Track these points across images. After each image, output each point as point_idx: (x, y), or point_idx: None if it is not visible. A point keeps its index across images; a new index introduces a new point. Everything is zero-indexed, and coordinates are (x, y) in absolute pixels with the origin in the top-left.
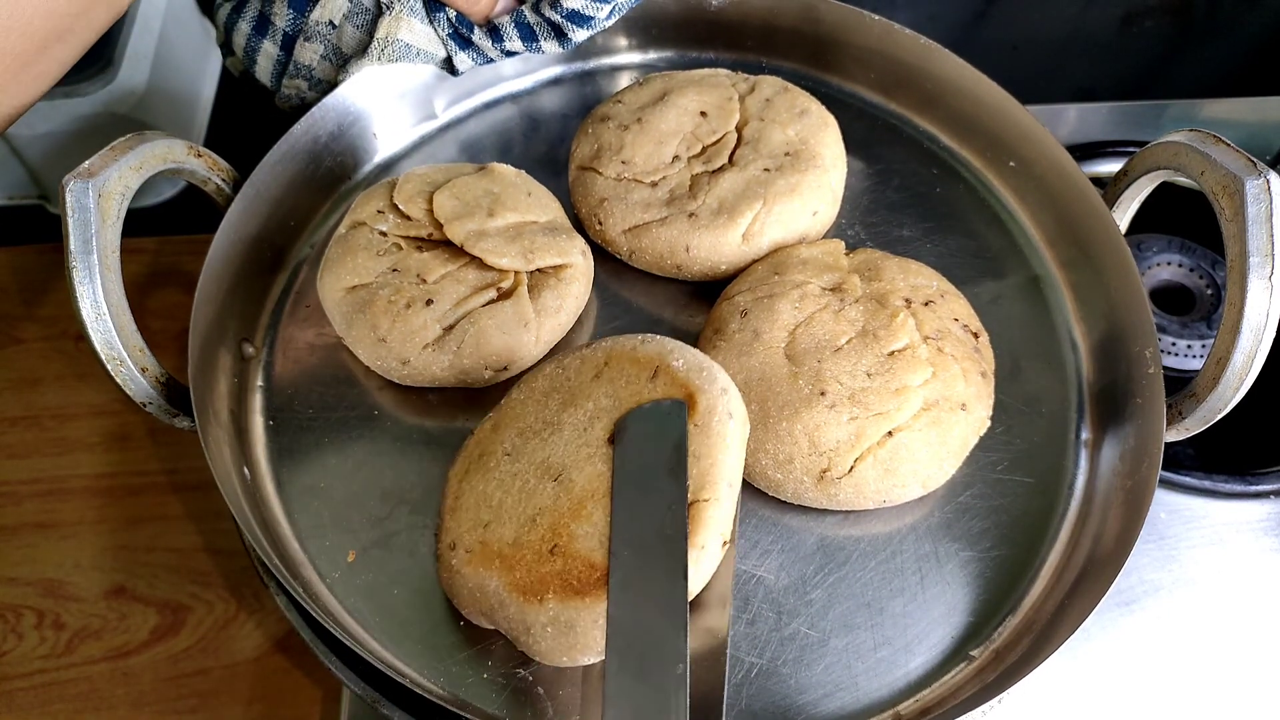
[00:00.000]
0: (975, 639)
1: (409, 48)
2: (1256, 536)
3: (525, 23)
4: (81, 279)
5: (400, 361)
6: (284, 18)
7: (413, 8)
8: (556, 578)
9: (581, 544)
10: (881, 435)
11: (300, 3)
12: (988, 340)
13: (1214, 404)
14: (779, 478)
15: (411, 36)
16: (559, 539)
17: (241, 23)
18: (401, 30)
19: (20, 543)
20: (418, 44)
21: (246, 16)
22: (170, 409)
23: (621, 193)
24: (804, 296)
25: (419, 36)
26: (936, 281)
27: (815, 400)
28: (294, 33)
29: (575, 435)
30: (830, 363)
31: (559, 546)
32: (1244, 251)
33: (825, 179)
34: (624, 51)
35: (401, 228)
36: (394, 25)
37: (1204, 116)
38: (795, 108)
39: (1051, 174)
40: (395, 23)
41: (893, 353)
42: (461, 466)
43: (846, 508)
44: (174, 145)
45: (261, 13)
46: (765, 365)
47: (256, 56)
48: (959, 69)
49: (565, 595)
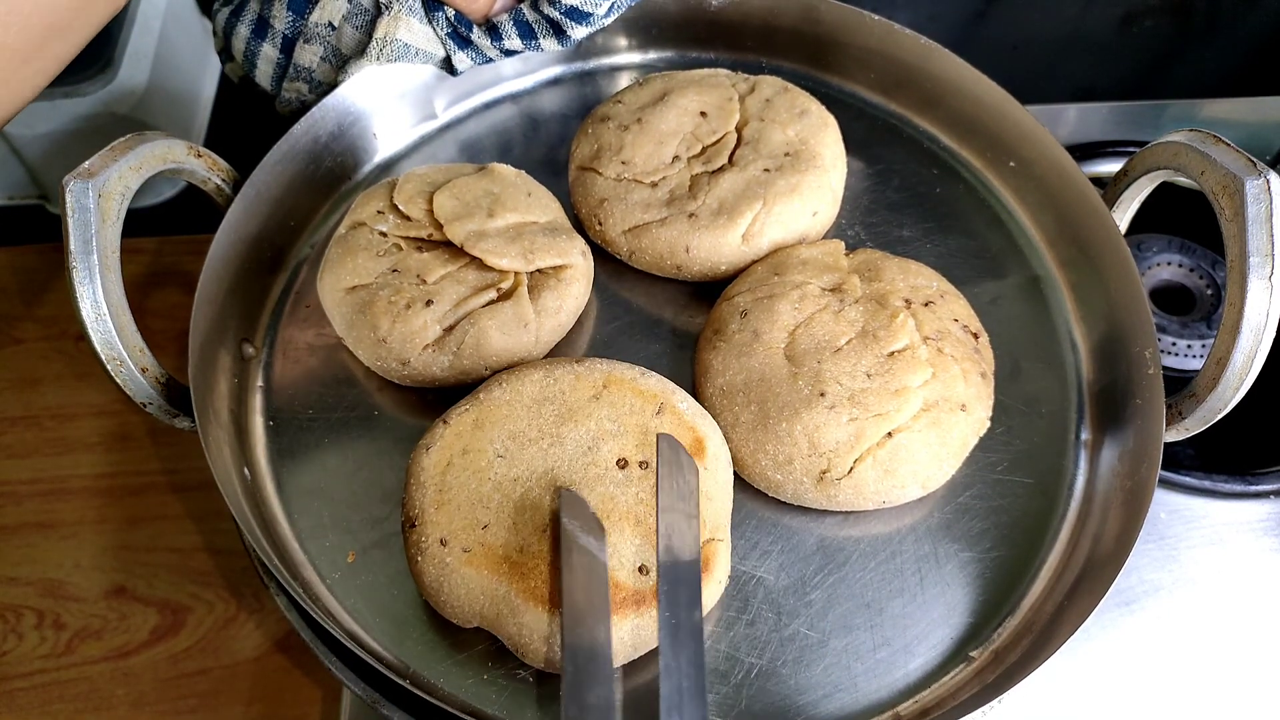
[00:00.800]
0: (975, 640)
1: (407, 47)
2: (1256, 536)
3: (524, 21)
4: (81, 279)
5: (400, 362)
6: (283, 20)
7: (411, 7)
8: None
9: None
10: (881, 436)
11: (299, 5)
12: (988, 341)
13: (1214, 404)
14: (779, 479)
15: (410, 36)
16: None
17: (240, 26)
18: (400, 30)
19: (20, 543)
20: (416, 43)
21: (245, 20)
22: (170, 409)
23: (621, 193)
24: (804, 297)
25: (418, 36)
26: (936, 282)
27: (815, 401)
28: (293, 35)
29: (580, 454)
30: (830, 363)
31: None
32: (1244, 251)
33: (825, 179)
34: (624, 51)
35: (401, 228)
36: (392, 25)
37: (1204, 116)
38: (795, 108)
39: (1051, 174)
40: (394, 22)
41: (892, 353)
42: (441, 457)
43: (846, 508)
44: (174, 145)
45: (260, 16)
46: (765, 366)
47: (256, 60)
48: (959, 69)
49: None
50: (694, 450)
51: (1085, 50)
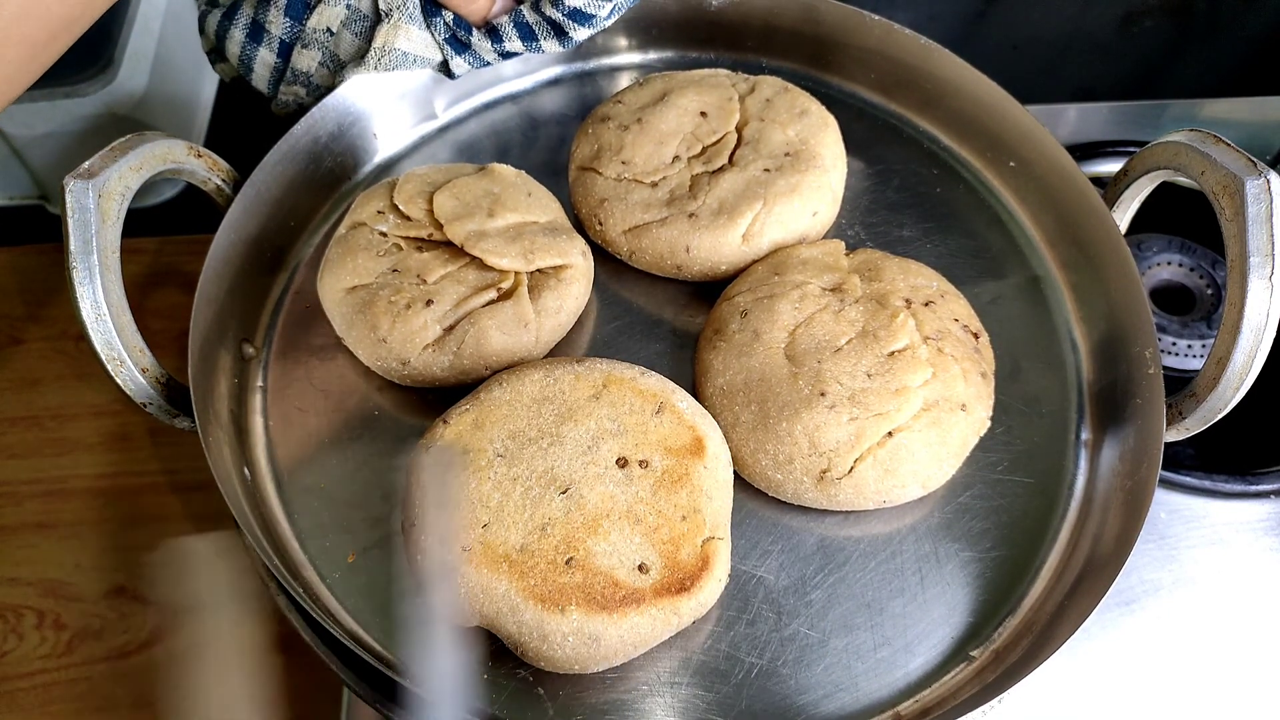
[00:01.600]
0: (975, 639)
1: (406, 55)
2: (1256, 536)
3: (524, 22)
4: (81, 279)
5: (400, 362)
6: (280, 25)
7: (411, 14)
8: (578, 590)
9: (602, 561)
10: (881, 436)
11: (297, 10)
12: (988, 340)
13: (1214, 404)
14: (779, 478)
15: (409, 44)
16: (575, 552)
17: (234, 30)
18: (399, 39)
19: (20, 543)
20: (415, 51)
21: (239, 24)
22: (170, 409)
23: (622, 193)
24: (804, 297)
25: (416, 43)
26: (936, 282)
27: (815, 401)
28: (291, 40)
29: (579, 452)
30: (830, 363)
31: (575, 560)
32: (1244, 251)
33: (825, 179)
34: (624, 52)
35: (401, 228)
36: (392, 33)
37: (1204, 116)
38: (795, 108)
39: (1051, 174)
40: (394, 31)
41: (893, 353)
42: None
43: (846, 508)
44: (174, 146)
45: (255, 20)
46: (765, 366)
47: (253, 64)
48: (959, 69)
49: (590, 609)
50: (694, 449)
51: (1085, 50)
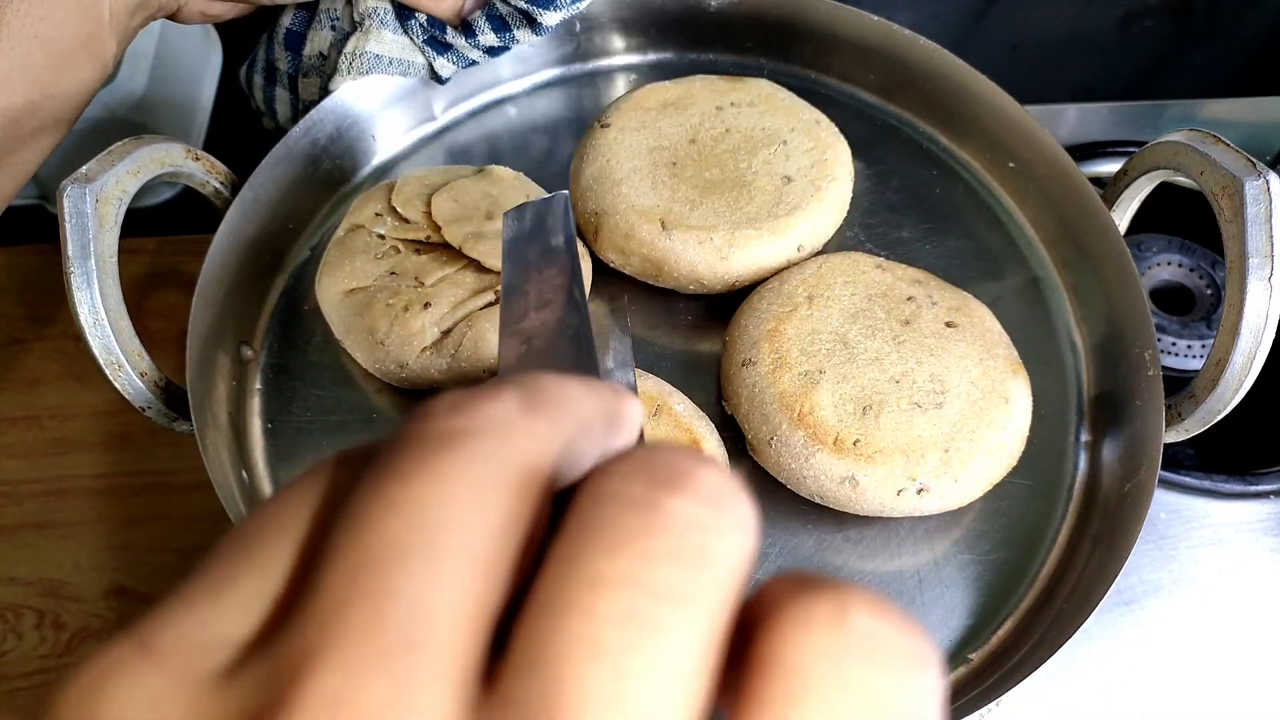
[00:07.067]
0: (973, 642)
1: (379, 59)
2: (1256, 536)
3: (497, 15)
4: (79, 285)
5: (398, 365)
6: (285, 61)
7: (383, 20)
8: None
9: None
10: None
11: (295, 43)
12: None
13: (1213, 405)
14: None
15: (380, 47)
16: None
17: (256, 77)
18: (370, 43)
19: (20, 543)
20: (389, 53)
21: (259, 69)
22: (169, 413)
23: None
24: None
25: (389, 46)
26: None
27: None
28: (295, 74)
29: None
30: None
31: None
32: (1243, 252)
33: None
34: (622, 53)
35: (399, 230)
36: (363, 39)
37: (1204, 116)
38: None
39: (1051, 175)
40: (364, 36)
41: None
42: None
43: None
44: (171, 149)
45: (269, 63)
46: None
47: (275, 105)
48: (959, 70)
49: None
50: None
51: (1085, 50)
